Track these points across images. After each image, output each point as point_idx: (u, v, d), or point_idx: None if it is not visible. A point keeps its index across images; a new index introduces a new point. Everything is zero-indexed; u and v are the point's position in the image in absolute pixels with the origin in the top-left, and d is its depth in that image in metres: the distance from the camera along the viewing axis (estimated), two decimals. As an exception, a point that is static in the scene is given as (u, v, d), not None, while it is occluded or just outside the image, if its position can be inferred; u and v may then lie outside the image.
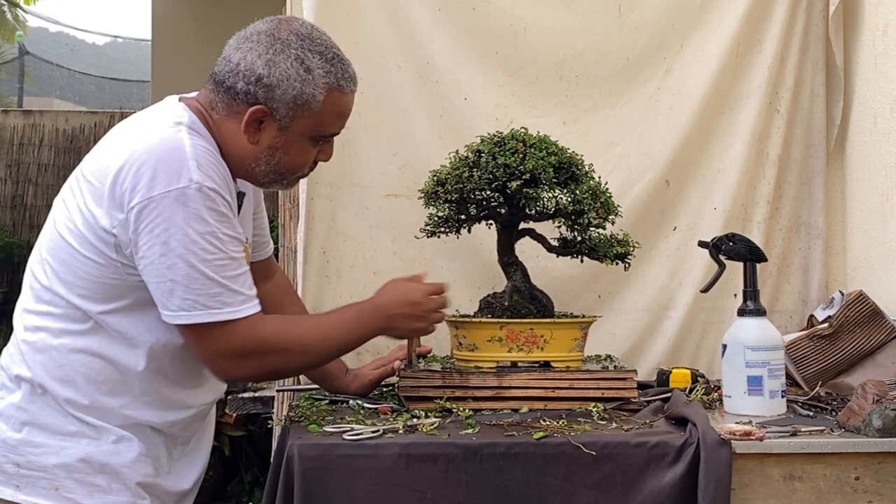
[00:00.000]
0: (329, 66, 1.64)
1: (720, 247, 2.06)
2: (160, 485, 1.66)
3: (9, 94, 16.15)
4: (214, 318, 1.55)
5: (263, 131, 1.64)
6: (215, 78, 1.65)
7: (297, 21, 1.68)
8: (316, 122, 1.66)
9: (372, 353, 2.41)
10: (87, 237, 1.57)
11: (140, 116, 1.68)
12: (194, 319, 1.55)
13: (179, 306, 1.54)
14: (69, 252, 1.59)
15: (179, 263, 1.52)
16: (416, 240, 2.16)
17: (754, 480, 1.70)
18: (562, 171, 1.99)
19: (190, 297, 1.53)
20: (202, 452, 1.79)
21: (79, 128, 8.96)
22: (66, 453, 1.58)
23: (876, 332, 2.20)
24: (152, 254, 1.52)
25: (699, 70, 2.56)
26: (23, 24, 15.58)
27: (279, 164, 1.67)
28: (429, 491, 1.66)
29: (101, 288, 1.59)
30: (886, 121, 2.40)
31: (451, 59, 2.52)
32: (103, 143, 1.65)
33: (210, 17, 6.37)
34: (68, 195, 1.63)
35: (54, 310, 1.61)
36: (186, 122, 1.60)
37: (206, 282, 1.54)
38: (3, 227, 8.65)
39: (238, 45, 1.64)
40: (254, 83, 1.61)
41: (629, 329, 2.55)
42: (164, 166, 1.52)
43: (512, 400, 1.92)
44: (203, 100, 1.67)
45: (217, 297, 1.55)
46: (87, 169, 1.62)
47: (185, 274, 1.52)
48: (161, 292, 1.55)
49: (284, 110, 1.63)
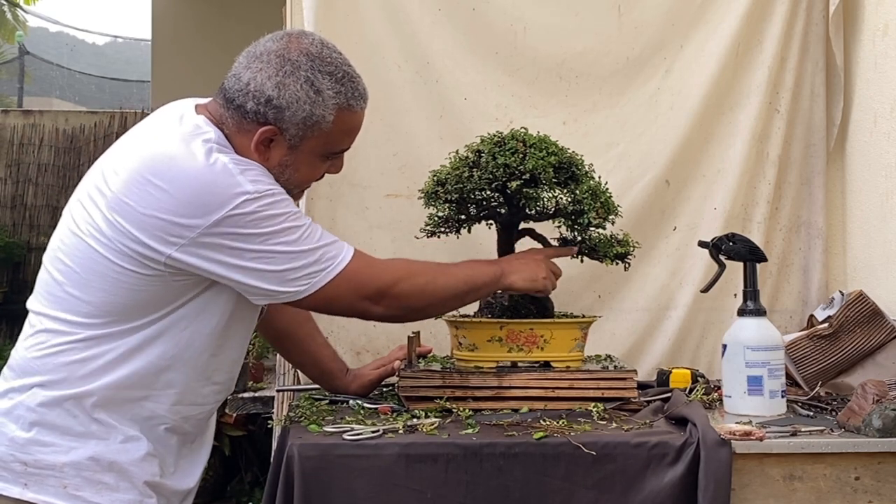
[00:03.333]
0: (339, 86, 1.65)
1: (720, 247, 2.06)
2: (166, 484, 1.66)
3: (9, 94, 16.14)
4: (335, 270, 1.62)
5: (273, 150, 1.65)
6: (225, 95, 1.65)
7: (307, 38, 1.67)
8: (326, 140, 1.67)
9: (372, 353, 2.41)
10: (124, 251, 1.55)
11: (164, 129, 1.64)
12: (321, 283, 1.61)
13: (298, 285, 1.60)
14: (100, 262, 1.57)
15: (277, 257, 1.58)
16: (416, 240, 2.16)
17: (754, 480, 1.70)
18: (562, 171, 1.99)
19: (303, 272, 1.60)
20: (205, 450, 1.80)
21: (79, 128, 8.96)
22: (76, 452, 1.59)
23: (876, 332, 2.20)
24: (245, 265, 1.57)
25: (699, 70, 2.56)
26: (23, 24, 15.58)
27: (289, 180, 1.68)
28: (429, 491, 1.66)
29: (140, 295, 1.58)
30: (886, 121, 2.40)
31: (451, 59, 2.52)
32: (130, 157, 1.61)
33: (210, 17, 6.37)
34: (90, 205, 1.60)
35: (76, 316, 1.60)
36: (214, 139, 1.61)
37: (309, 252, 1.60)
38: (3, 227, 8.65)
39: (248, 65, 1.64)
40: (264, 104, 1.61)
41: (629, 329, 2.55)
42: (219, 189, 1.54)
43: (512, 400, 1.92)
44: (214, 112, 1.66)
45: (324, 256, 1.62)
46: (115, 184, 1.58)
47: (286, 259, 1.58)
48: (273, 285, 1.59)
49: (294, 130, 1.63)
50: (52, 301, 1.63)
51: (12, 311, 7.72)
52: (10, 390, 1.62)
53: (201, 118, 1.64)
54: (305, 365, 2.14)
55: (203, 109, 1.67)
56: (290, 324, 2.05)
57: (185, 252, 1.55)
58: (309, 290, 1.61)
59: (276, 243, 1.57)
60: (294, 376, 2.38)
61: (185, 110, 1.67)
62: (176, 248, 1.54)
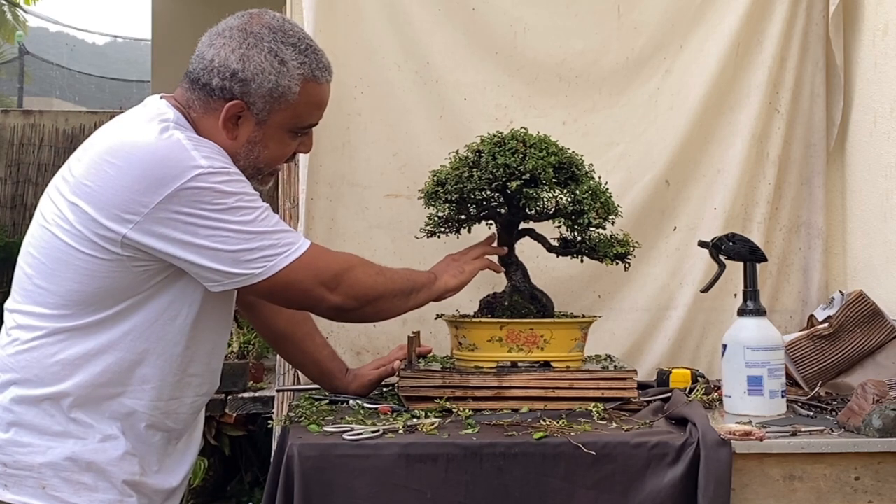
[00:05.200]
0: (303, 57, 1.66)
1: (720, 247, 2.06)
2: (147, 483, 1.66)
3: (9, 94, 16.14)
4: (293, 255, 1.61)
5: (241, 126, 1.66)
6: (190, 76, 1.67)
7: (268, 14, 1.69)
8: (293, 114, 1.67)
9: (372, 353, 2.41)
10: (85, 236, 1.56)
11: (127, 117, 1.67)
12: (278, 267, 1.59)
13: (254, 267, 1.58)
14: (64, 250, 1.58)
15: (231, 236, 1.56)
16: (416, 240, 2.16)
17: (754, 480, 1.70)
18: (562, 171, 1.99)
19: (258, 254, 1.58)
20: (192, 449, 1.79)
21: (79, 128, 8.95)
22: (53, 452, 1.58)
23: (876, 332, 2.20)
24: (199, 242, 1.55)
25: (699, 70, 2.56)
26: (23, 24, 15.57)
27: (258, 158, 1.68)
28: (429, 491, 1.66)
29: (103, 283, 1.58)
30: (886, 121, 2.40)
31: (450, 59, 2.52)
32: (93, 145, 1.64)
33: (210, 17, 6.32)
34: (56, 194, 1.62)
35: (45, 308, 1.60)
36: (172, 118, 1.62)
37: (264, 235, 1.59)
38: (3, 227, 8.65)
39: (211, 42, 1.66)
40: (229, 78, 1.63)
41: (629, 329, 2.55)
42: (171, 163, 1.54)
43: (512, 400, 1.92)
44: (180, 98, 1.68)
45: (282, 241, 1.60)
46: (77, 170, 1.60)
47: (240, 240, 1.57)
48: (226, 266, 1.57)
49: (261, 104, 1.64)
50: (24, 295, 1.63)
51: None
52: None
53: (164, 103, 1.66)
54: (305, 365, 2.14)
55: (169, 98, 1.69)
56: (289, 324, 2.05)
57: (140, 230, 1.54)
58: (265, 273, 1.59)
59: (230, 221, 1.56)
60: (294, 376, 2.38)
61: (150, 99, 1.70)
62: (131, 227, 1.54)
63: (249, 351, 3.93)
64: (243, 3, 1.96)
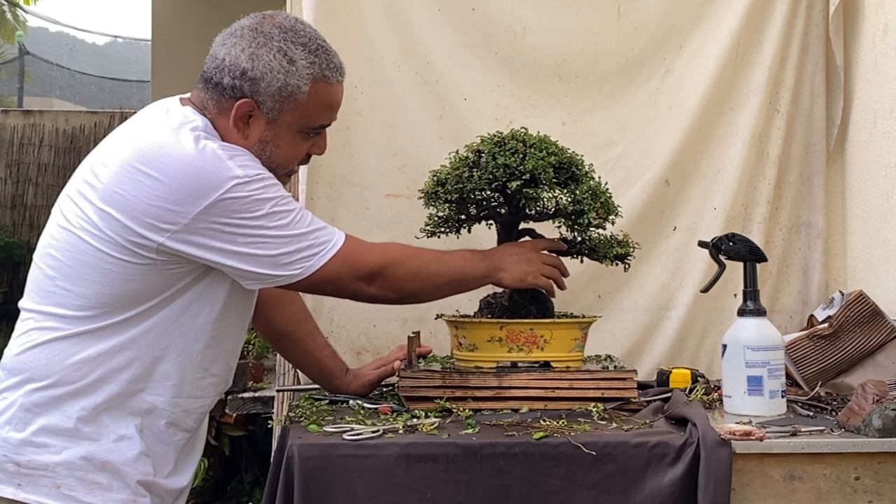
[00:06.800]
0: (313, 56, 1.66)
1: (720, 247, 2.06)
2: (160, 483, 1.66)
3: (9, 94, 16.14)
4: (330, 253, 1.64)
5: (252, 126, 1.66)
6: (204, 76, 1.67)
7: (280, 15, 1.70)
8: (303, 113, 1.67)
9: (372, 353, 2.41)
10: (117, 241, 1.56)
11: (152, 122, 1.65)
12: (316, 266, 1.62)
13: (293, 269, 1.61)
14: (92, 254, 1.57)
15: (270, 241, 1.59)
16: (416, 240, 2.16)
17: (754, 480, 1.70)
18: (562, 171, 1.99)
19: (296, 256, 1.61)
20: (198, 448, 1.80)
21: (79, 128, 8.96)
22: (69, 452, 1.59)
23: (876, 332, 2.20)
24: (238, 249, 1.58)
25: (699, 70, 2.56)
26: (23, 24, 15.58)
27: (270, 158, 1.68)
28: (429, 491, 1.66)
29: (131, 285, 1.58)
30: (886, 121, 2.40)
31: (450, 59, 2.52)
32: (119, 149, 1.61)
33: (210, 17, 6.34)
34: (79, 198, 1.61)
35: (67, 310, 1.60)
36: (201, 126, 1.62)
37: (301, 236, 1.62)
38: (3, 227, 8.65)
39: (223, 42, 1.67)
40: (239, 77, 1.63)
41: (629, 329, 2.55)
42: (209, 174, 1.55)
43: (512, 400, 1.92)
44: (196, 100, 1.68)
45: (317, 239, 1.63)
46: (105, 176, 1.58)
47: (278, 244, 1.59)
48: (266, 269, 1.60)
49: (271, 103, 1.64)
50: (44, 296, 1.63)
51: (12, 312, 7.69)
52: (4, 390, 1.63)
53: (188, 108, 1.66)
54: (305, 364, 2.14)
55: (187, 101, 1.69)
56: (290, 324, 2.05)
57: (177, 239, 1.55)
58: (304, 272, 1.63)
59: (268, 227, 1.58)
60: (294, 376, 2.38)
61: (171, 104, 1.69)
62: (168, 236, 1.55)
63: (249, 351, 3.93)
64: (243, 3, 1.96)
